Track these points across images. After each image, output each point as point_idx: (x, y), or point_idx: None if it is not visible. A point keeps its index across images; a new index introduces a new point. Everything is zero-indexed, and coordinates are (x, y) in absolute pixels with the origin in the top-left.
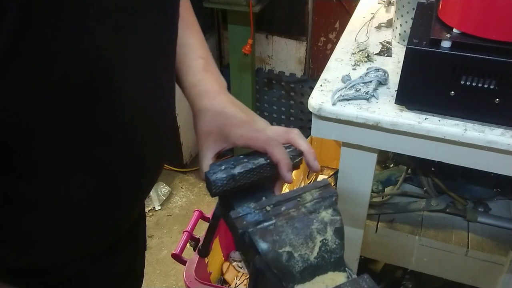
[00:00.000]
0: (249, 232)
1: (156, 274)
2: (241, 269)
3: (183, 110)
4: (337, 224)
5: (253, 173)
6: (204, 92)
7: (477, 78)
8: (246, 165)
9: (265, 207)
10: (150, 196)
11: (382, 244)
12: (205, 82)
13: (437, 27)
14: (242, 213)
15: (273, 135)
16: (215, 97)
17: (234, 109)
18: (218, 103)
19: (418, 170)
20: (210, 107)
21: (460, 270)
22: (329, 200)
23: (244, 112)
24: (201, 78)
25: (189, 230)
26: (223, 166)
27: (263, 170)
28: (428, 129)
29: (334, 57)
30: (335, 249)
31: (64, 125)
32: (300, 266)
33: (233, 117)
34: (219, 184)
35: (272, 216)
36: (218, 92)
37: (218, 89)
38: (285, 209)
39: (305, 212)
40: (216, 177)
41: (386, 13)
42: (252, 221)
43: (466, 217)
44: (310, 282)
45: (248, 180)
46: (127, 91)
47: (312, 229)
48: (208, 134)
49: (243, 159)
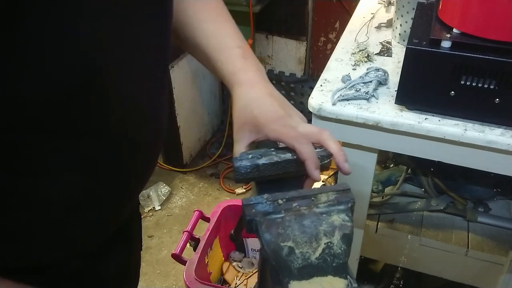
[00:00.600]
0: (256, 221)
1: (156, 274)
2: (241, 269)
3: (183, 110)
4: (346, 230)
5: (278, 167)
6: (243, 81)
7: (477, 78)
8: (272, 158)
9: (277, 200)
10: (150, 196)
11: (382, 244)
12: (244, 70)
13: (437, 27)
14: (253, 201)
15: (305, 133)
16: (254, 86)
17: (271, 100)
18: (256, 93)
19: (418, 170)
20: (248, 96)
21: (460, 270)
22: (344, 205)
23: (280, 104)
24: (240, 67)
25: (189, 230)
26: (250, 155)
27: (288, 166)
28: (428, 129)
29: (334, 57)
30: (339, 254)
31: (56, 122)
32: (300, 263)
33: (268, 109)
34: (242, 172)
35: (282, 209)
36: (258, 81)
37: (257, 78)
38: (297, 205)
39: (316, 212)
40: (241, 164)
41: (386, 13)
42: (262, 211)
43: (466, 217)
44: (307, 281)
45: (273, 172)
46: (121, 89)
47: (320, 230)
48: (243, 123)
49: (272, 151)
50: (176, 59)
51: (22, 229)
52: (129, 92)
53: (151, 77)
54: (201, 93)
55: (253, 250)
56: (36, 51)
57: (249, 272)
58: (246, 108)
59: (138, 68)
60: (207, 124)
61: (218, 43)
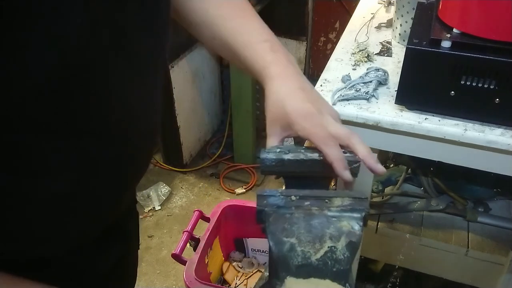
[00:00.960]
0: (265, 211)
1: (156, 274)
2: (241, 269)
3: (183, 110)
4: (353, 238)
5: (304, 165)
6: (274, 75)
7: (477, 78)
8: (298, 155)
9: (290, 196)
10: (150, 196)
11: (382, 244)
12: (275, 64)
13: (437, 27)
14: (267, 193)
15: (334, 134)
16: (286, 81)
17: (302, 95)
18: (288, 87)
19: (418, 170)
20: (280, 91)
21: (460, 270)
22: (357, 213)
23: (311, 100)
24: (270, 60)
25: (189, 230)
26: (278, 149)
27: (314, 165)
28: (428, 129)
29: (334, 57)
30: (341, 260)
31: (43, 118)
32: (299, 261)
33: (299, 106)
34: (267, 164)
35: (293, 206)
36: (290, 74)
37: (289, 71)
38: (309, 204)
39: (327, 214)
40: (266, 156)
41: (386, 13)
42: (273, 203)
43: (466, 217)
44: (304, 280)
45: (297, 169)
46: (110, 87)
47: (326, 232)
48: (275, 119)
49: (301, 149)
50: (176, 59)
51: (22, 227)
52: (121, 89)
53: (143, 75)
54: (201, 93)
55: (253, 250)
56: (14, 45)
57: (249, 272)
58: (277, 103)
59: (129, 66)
60: (207, 124)
61: (245, 39)
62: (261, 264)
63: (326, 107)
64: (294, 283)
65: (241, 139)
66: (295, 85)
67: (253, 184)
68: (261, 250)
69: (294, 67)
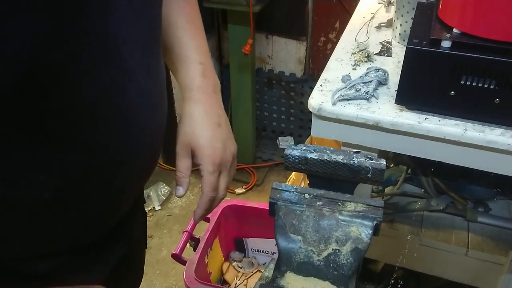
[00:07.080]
0: (277, 205)
1: (156, 274)
2: (241, 269)
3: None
4: (360, 245)
5: (327, 165)
6: (197, 100)
7: (477, 78)
8: (323, 155)
9: (304, 194)
10: (150, 196)
11: (382, 244)
12: (201, 90)
13: (437, 27)
14: (282, 187)
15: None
16: (206, 111)
17: (217, 134)
18: (204, 119)
19: (418, 170)
20: (197, 118)
21: (460, 270)
22: (369, 221)
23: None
24: (198, 85)
25: (189, 230)
26: (304, 147)
27: (337, 168)
28: (428, 129)
29: (334, 57)
30: (343, 265)
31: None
32: (301, 259)
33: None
34: (290, 160)
35: (305, 204)
36: (211, 105)
37: (211, 101)
38: (321, 205)
39: (337, 217)
40: (290, 153)
41: (386, 13)
42: (286, 198)
43: (466, 217)
44: (303, 278)
45: (320, 169)
46: (86, 90)
47: (333, 234)
48: (186, 143)
49: (327, 150)
50: None
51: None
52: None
53: (129, 77)
54: None
55: (253, 250)
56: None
57: (249, 272)
58: (191, 129)
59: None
60: None
61: (182, 53)
62: (261, 264)
63: (231, 147)
64: (294, 279)
65: (241, 139)
66: (214, 120)
67: (253, 184)
68: (261, 250)
69: (217, 97)
